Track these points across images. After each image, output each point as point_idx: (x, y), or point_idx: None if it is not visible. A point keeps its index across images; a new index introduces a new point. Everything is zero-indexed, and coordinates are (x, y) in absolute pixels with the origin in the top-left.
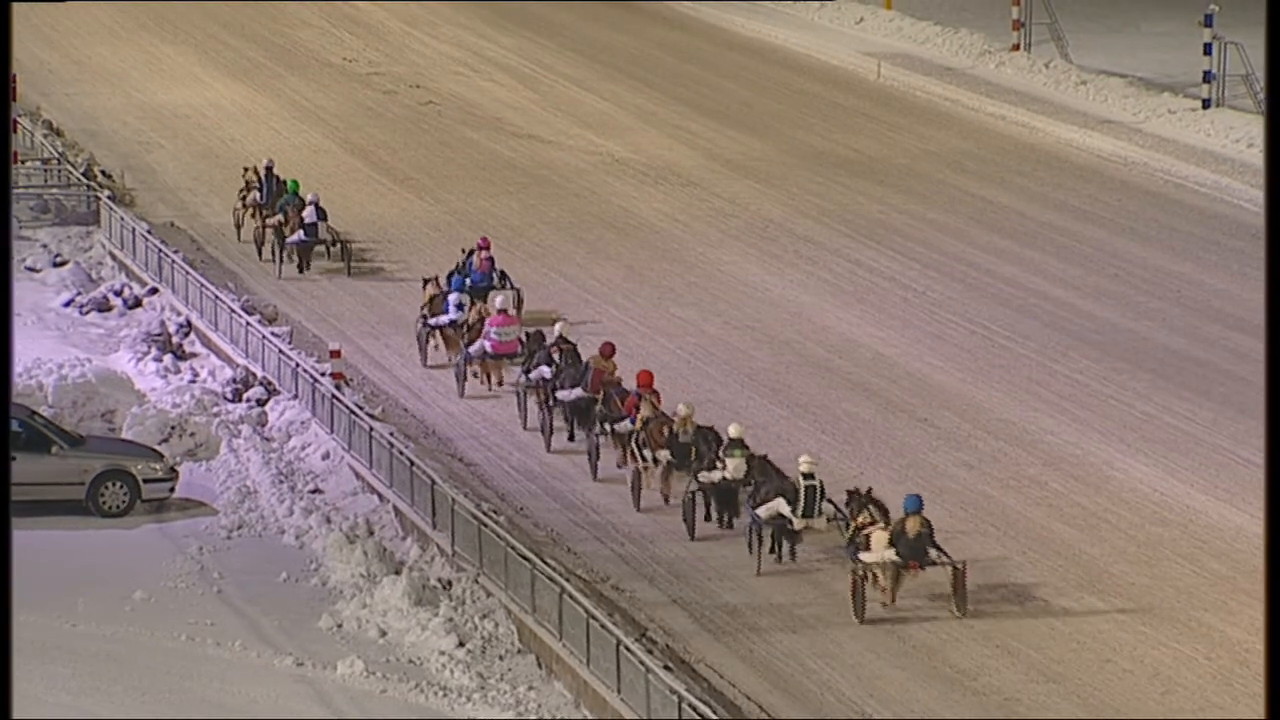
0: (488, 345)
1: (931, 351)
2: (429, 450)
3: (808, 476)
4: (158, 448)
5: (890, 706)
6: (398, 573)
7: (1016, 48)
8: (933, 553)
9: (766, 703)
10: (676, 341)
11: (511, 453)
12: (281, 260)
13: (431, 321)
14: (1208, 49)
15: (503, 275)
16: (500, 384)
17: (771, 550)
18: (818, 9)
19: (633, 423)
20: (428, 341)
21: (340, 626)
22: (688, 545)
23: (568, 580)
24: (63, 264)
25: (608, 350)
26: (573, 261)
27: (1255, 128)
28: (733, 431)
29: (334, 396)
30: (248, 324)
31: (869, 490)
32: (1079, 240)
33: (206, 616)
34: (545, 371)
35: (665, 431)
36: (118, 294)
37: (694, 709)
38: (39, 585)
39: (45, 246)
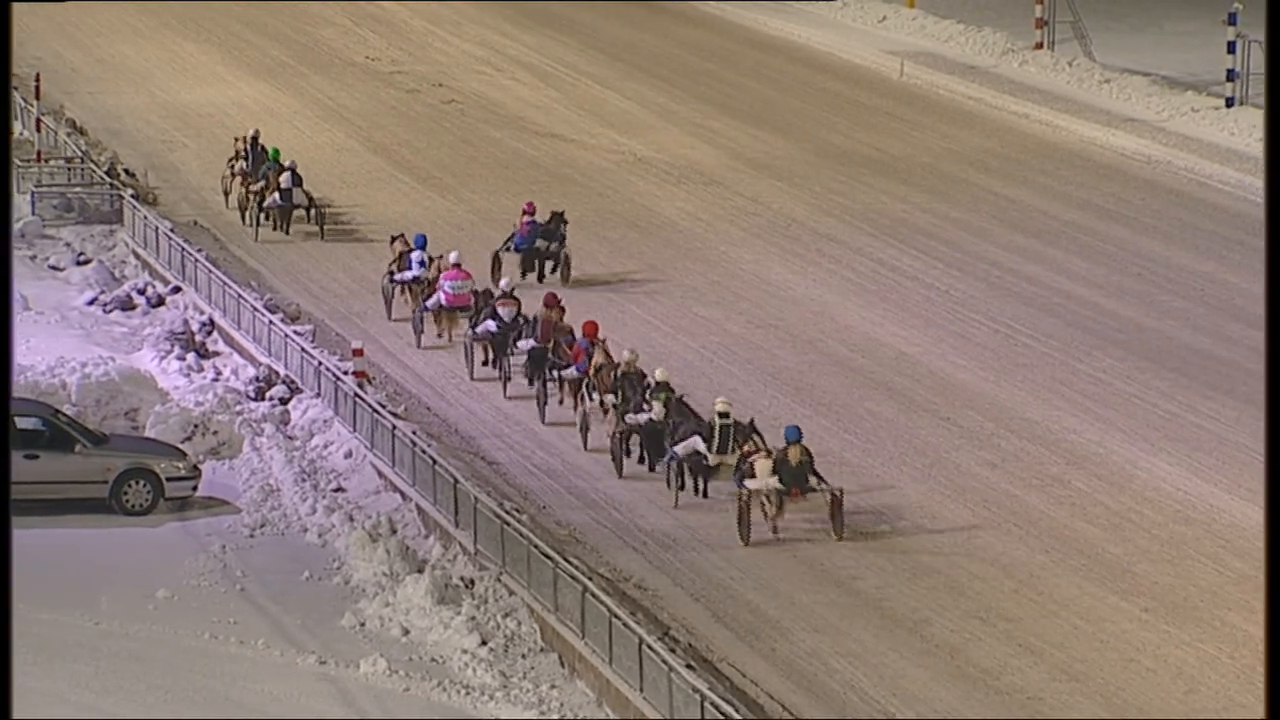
0: (442, 298)
1: (954, 350)
2: (451, 449)
3: (723, 415)
4: (181, 446)
5: (913, 706)
6: (420, 571)
7: (1039, 46)
8: (813, 480)
9: (789, 702)
10: (699, 340)
11: (534, 451)
12: (259, 223)
13: (397, 278)
14: (1231, 47)
15: (562, 239)
16: (450, 338)
17: (697, 489)
18: (840, 8)
19: (579, 370)
20: (393, 297)
21: (363, 625)
22: (620, 482)
23: (590, 579)
24: (86, 262)
25: (551, 300)
26: (595, 260)
27: None
28: (659, 375)
29: (356, 395)
30: (270, 322)
31: (751, 421)
32: (1102, 239)
33: (229, 615)
34: (491, 326)
35: (612, 377)
36: (141, 292)
37: (716, 708)
38: (62, 583)
39: (68, 245)
